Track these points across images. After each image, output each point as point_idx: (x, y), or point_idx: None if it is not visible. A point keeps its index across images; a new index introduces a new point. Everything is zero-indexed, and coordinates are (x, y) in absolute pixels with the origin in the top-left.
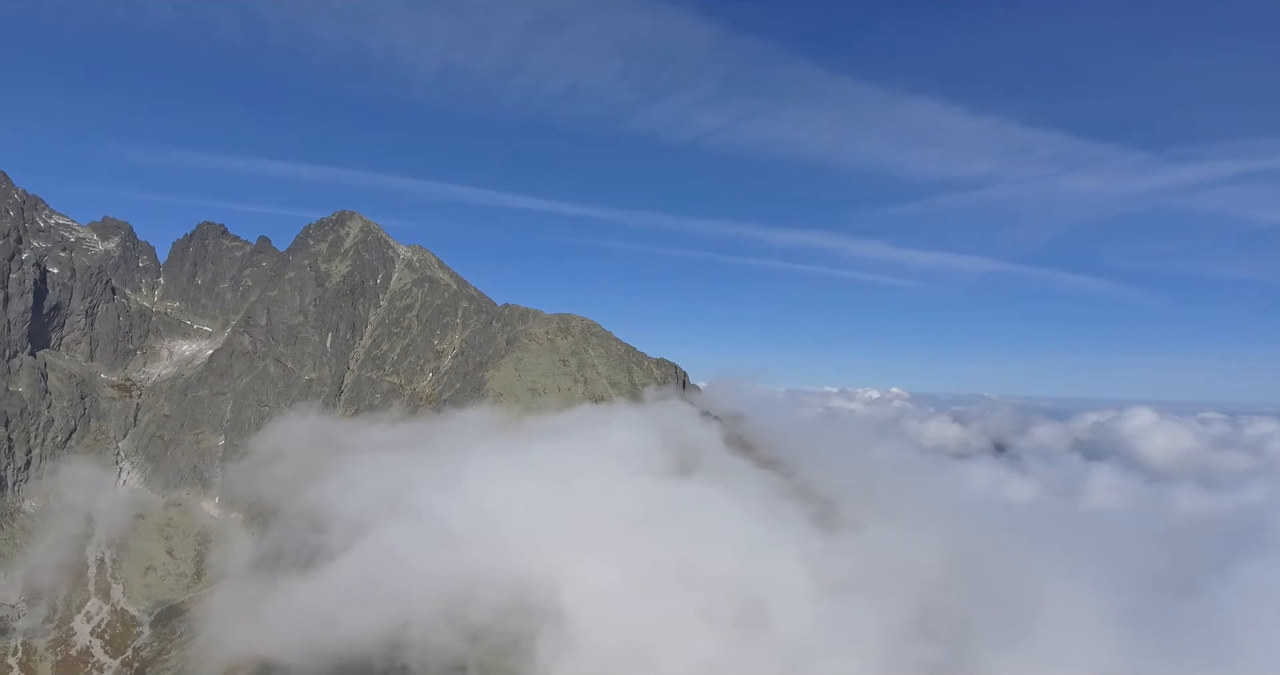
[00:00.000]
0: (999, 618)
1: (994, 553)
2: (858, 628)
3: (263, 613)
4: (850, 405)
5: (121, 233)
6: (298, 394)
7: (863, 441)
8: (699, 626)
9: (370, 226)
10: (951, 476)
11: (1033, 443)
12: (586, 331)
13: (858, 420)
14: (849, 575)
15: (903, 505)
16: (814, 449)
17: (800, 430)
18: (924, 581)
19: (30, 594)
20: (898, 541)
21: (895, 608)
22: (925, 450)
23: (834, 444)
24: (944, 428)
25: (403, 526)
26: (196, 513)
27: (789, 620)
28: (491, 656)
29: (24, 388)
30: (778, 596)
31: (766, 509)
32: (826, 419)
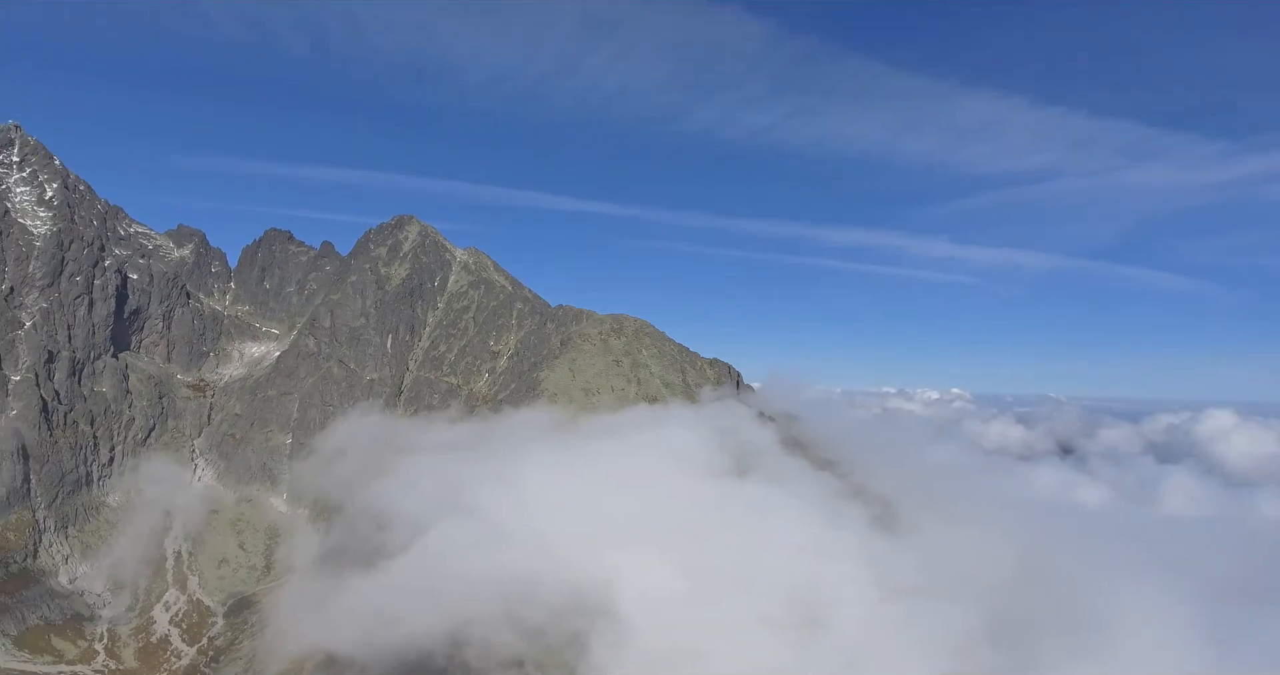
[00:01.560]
0: (1069, 625)
1: (1063, 558)
2: (922, 633)
3: (328, 608)
4: (909, 406)
5: (195, 240)
6: (360, 394)
7: (922, 443)
8: (757, 629)
9: (428, 230)
10: (1016, 479)
11: (1102, 445)
12: (639, 332)
13: (917, 421)
14: (912, 579)
15: (966, 508)
16: (871, 450)
17: (857, 431)
18: (991, 586)
19: (114, 584)
20: (962, 545)
21: (961, 613)
22: (988, 452)
23: (892, 445)
24: (1007, 429)
25: (461, 526)
26: (266, 508)
27: (850, 624)
28: (548, 655)
29: (107, 388)
30: (838, 600)
31: (825, 511)
32: (884, 420)
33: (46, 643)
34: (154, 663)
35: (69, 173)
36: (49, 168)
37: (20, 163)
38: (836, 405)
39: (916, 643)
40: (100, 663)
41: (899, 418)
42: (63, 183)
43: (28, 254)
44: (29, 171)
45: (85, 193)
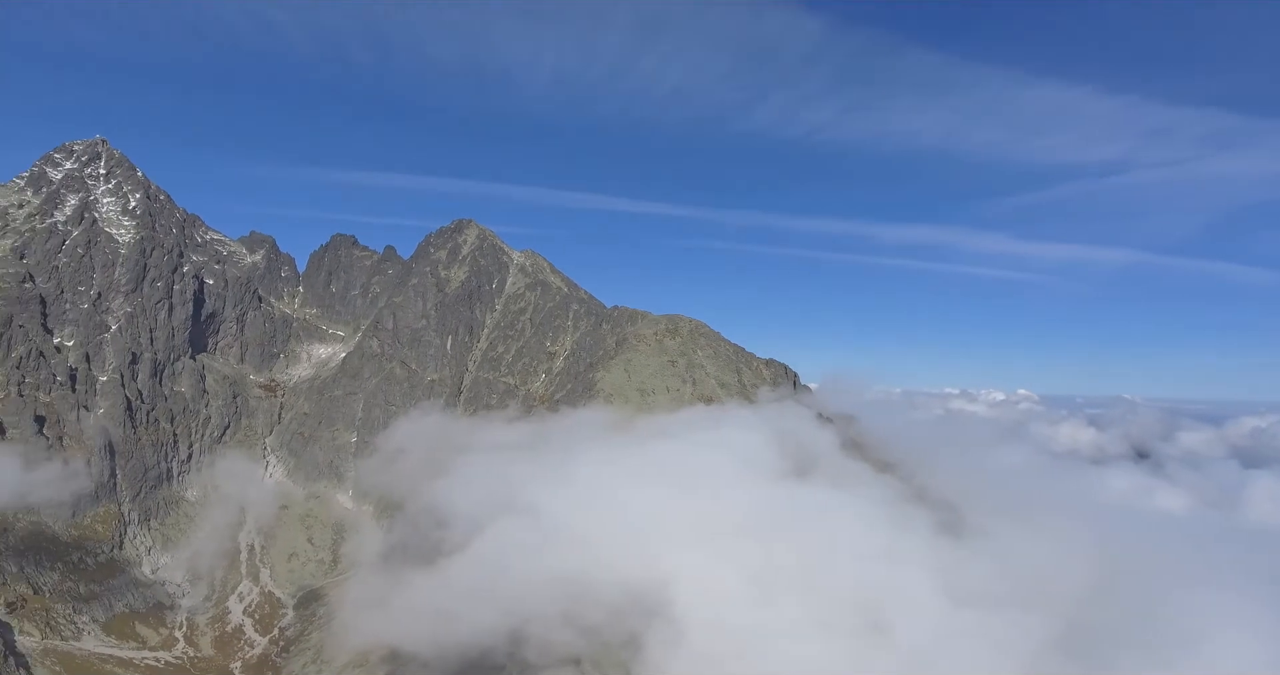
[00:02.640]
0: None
1: (1142, 567)
2: (992, 642)
3: (391, 603)
4: (972, 407)
5: (266, 246)
6: (421, 394)
7: (987, 445)
8: (816, 634)
9: (486, 234)
10: (1088, 484)
11: (1181, 449)
12: (695, 332)
13: (981, 423)
14: (981, 586)
15: (1036, 513)
16: (934, 453)
17: (919, 433)
18: (1065, 596)
19: (193, 575)
20: (1034, 551)
21: (1034, 622)
22: (1057, 455)
23: (956, 448)
24: (1078, 431)
25: (519, 525)
26: (333, 504)
27: (915, 631)
28: (605, 653)
29: (185, 388)
30: (902, 606)
31: (889, 515)
32: (947, 421)
33: (131, 629)
34: (229, 651)
35: (150, 183)
36: (132, 179)
37: (106, 175)
38: (896, 406)
39: (986, 652)
40: (180, 650)
41: (962, 419)
42: (145, 193)
43: (113, 261)
44: (114, 183)
45: (165, 202)
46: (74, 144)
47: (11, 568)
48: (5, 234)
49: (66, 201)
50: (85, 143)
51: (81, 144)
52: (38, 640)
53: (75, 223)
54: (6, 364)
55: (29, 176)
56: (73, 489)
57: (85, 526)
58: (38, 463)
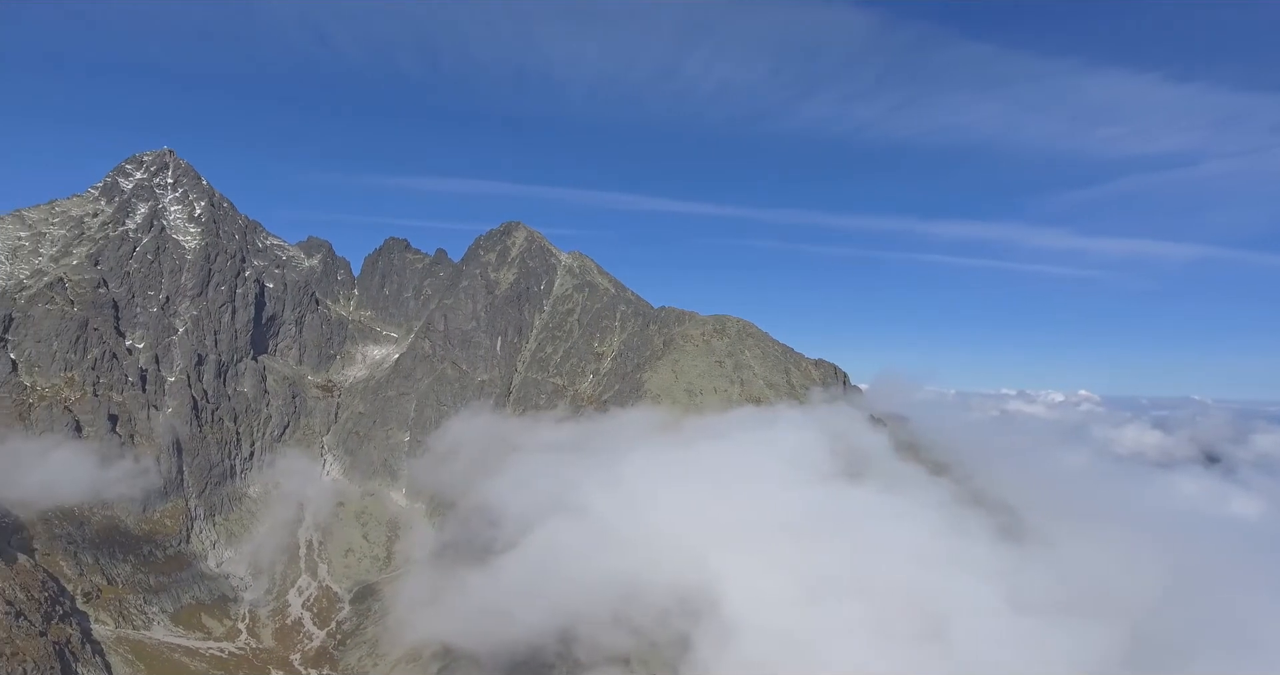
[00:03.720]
0: (1222, 647)
1: (1214, 575)
2: (1054, 651)
3: (443, 600)
4: (1029, 408)
5: (323, 250)
6: (471, 394)
7: (1047, 448)
8: (870, 639)
9: (534, 236)
10: (1155, 488)
11: (1255, 453)
12: (742, 332)
13: (1039, 424)
14: (1044, 593)
15: (1100, 518)
16: (991, 455)
17: (974, 435)
18: (1132, 604)
19: (255, 568)
20: (1099, 558)
21: (1100, 632)
22: (1120, 459)
23: (1013, 450)
24: (1143, 434)
25: (568, 525)
26: (387, 502)
27: (973, 639)
28: (653, 652)
29: (248, 388)
30: (960, 613)
31: (945, 518)
32: (1003, 423)
33: (197, 620)
34: (289, 643)
35: (214, 191)
36: (197, 188)
37: (174, 184)
38: (950, 407)
39: (1048, 661)
40: (242, 641)
41: (1019, 421)
42: (209, 201)
43: (180, 266)
44: (181, 192)
45: (228, 209)
46: (143, 155)
47: (88, 559)
48: (81, 242)
49: (137, 210)
50: (154, 153)
51: (150, 155)
52: (111, 629)
53: (145, 230)
54: (83, 365)
55: (102, 187)
56: (143, 485)
57: (155, 521)
58: (111, 460)
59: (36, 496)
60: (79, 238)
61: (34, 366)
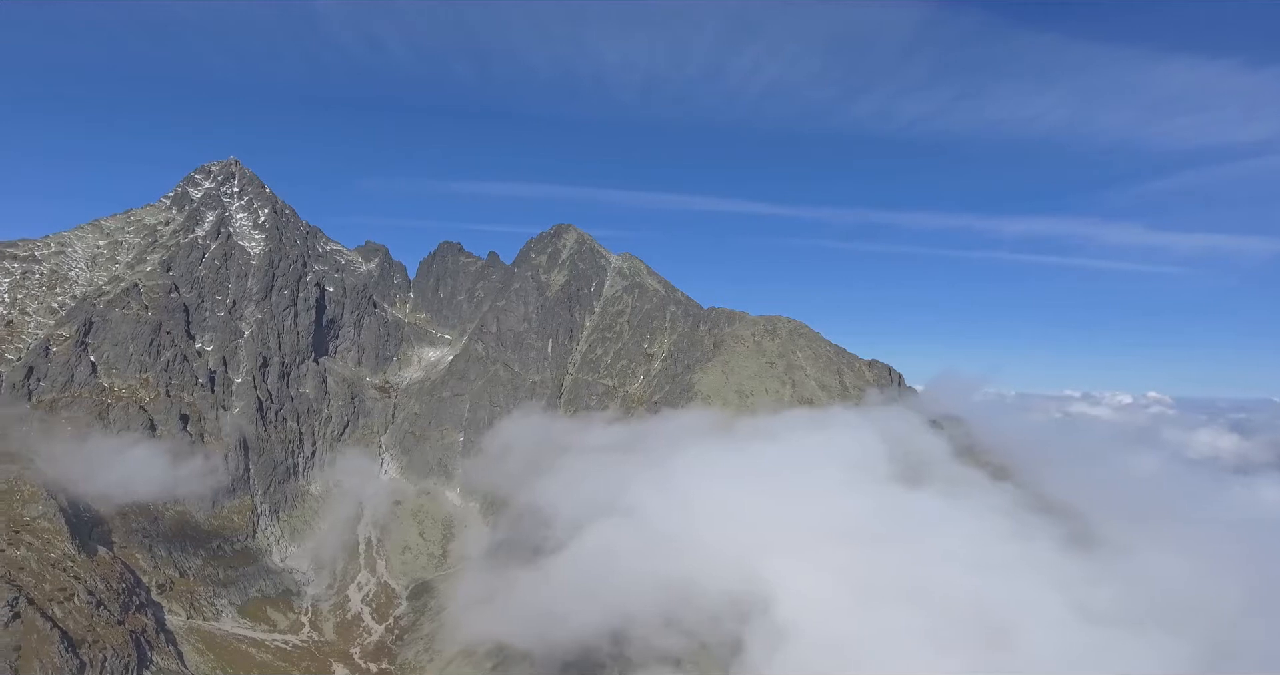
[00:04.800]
0: None
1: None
2: (1128, 664)
3: (497, 599)
4: (1095, 410)
5: (380, 255)
6: (524, 395)
7: (1113, 451)
8: (929, 647)
9: (584, 238)
10: (1232, 495)
11: None
12: (794, 332)
13: (1105, 427)
14: (1115, 603)
15: (1173, 525)
16: (1055, 459)
17: (1036, 438)
18: (1211, 616)
19: (317, 564)
20: (1174, 567)
21: (1176, 643)
22: (1193, 463)
23: (1079, 454)
24: (1218, 437)
25: (620, 526)
26: (442, 501)
27: (1038, 649)
28: (705, 654)
29: (309, 389)
30: (1026, 623)
31: (1008, 525)
32: (1067, 426)
33: (263, 613)
34: (349, 637)
35: (277, 199)
36: (261, 196)
37: (239, 192)
38: (1010, 409)
39: None
40: (305, 634)
41: (1084, 423)
42: (273, 209)
43: (246, 272)
44: (246, 200)
45: (290, 216)
46: (211, 165)
47: (161, 552)
48: (154, 249)
49: (205, 218)
50: (220, 164)
51: (217, 165)
52: (183, 619)
53: (213, 237)
54: (156, 367)
55: (173, 196)
56: (212, 483)
57: (223, 517)
58: (183, 458)
59: (115, 492)
60: (152, 245)
61: (112, 368)
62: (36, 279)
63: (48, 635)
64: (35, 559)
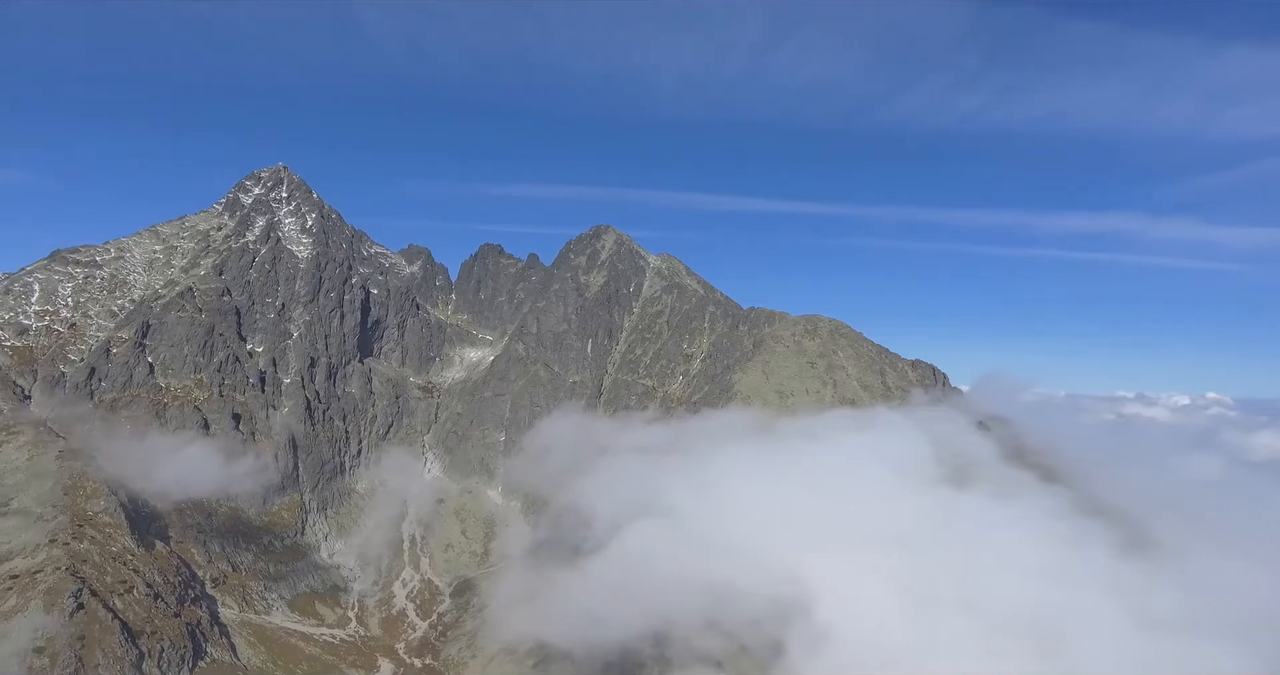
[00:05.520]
0: None
1: None
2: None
3: (537, 598)
4: (1149, 412)
5: (422, 257)
6: (564, 395)
7: (1170, 454)
8: (976, 655)
9: (623, 239)
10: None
11: None
12: (835, 332)
13: (1160, 429)
14: (1175, 612)
15: (1236, 531)
16: (1108, 462)
17: (1088, 440)
18: (1276, 624)
19: (363, 560)
20: (1237, 574)
21: (1240, 654)
22: (1257, 466)
23: (1133, 457)
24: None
25: (660, 527)
26: (484, 500)
27: (1094, 658)
28: (746, 656)
29: (355, 389)
30: (1080, 630)
31: (1060, 529)
32: (1120, 428)
33: (312, 608)
34: (394, 632)
35: (324, 204)
36: (309, 201)
37: (288, 198)
38: (1060, 410)
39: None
40: (352, 629)
41: (1139, 425)
42: (319, 213)
43: (294, 275)
44: (294, 205)
45: (336, 220)
46: (261, 172)
47: (215, 547)
48: (207, 253)
49: (255, 223)
50: (270, 170)
51: (267, 171)
52: (236, 613)
53: (263, 242)
54: (209, 368)
55: (225, 202)
56: (263, 480)
57: (273, 514)
58: (235, 456)
59: (171, 489)
60: (205, 250)
61: (168, 369)
62: (97, 283)
63: (109, 626)
64: (97, 552)
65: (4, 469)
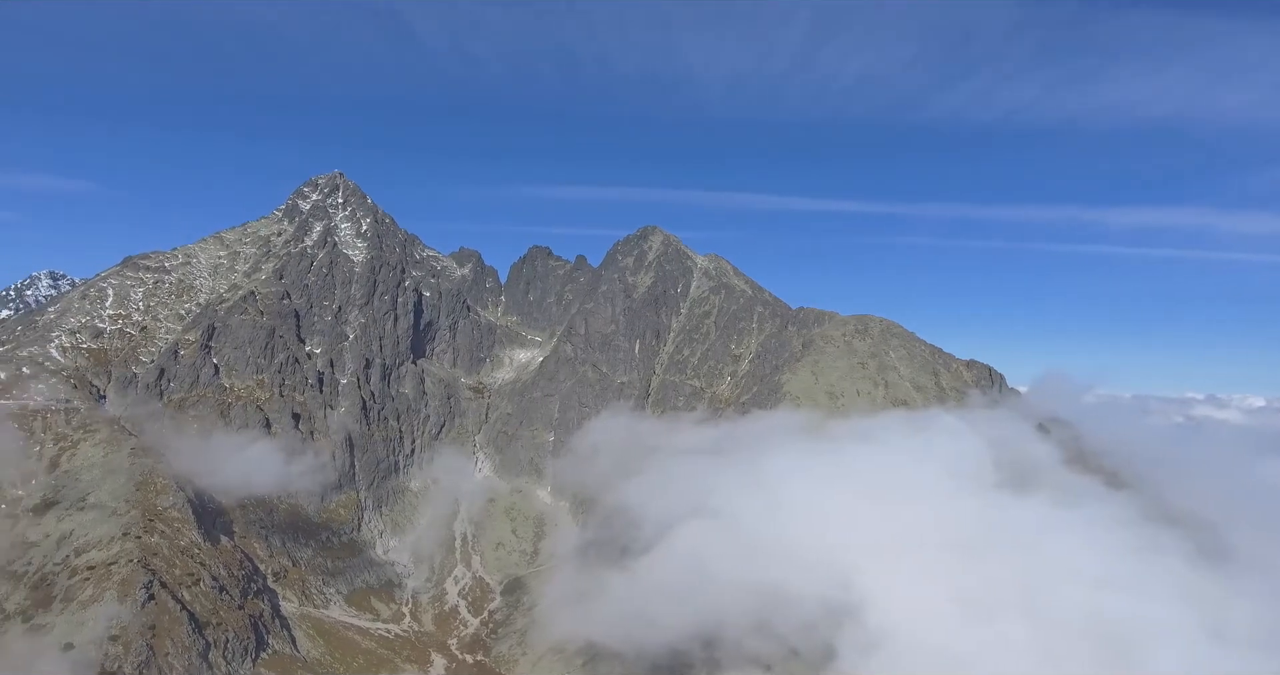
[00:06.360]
0: None
1: None
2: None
3: (586, 599)
4: (1221, 414)
5: (473, 260)
6: (611, 396)
7: (1245, 458)
8: (1037, 663)
9: (670, 240)
10: None
11: None
12: (886, 332)
13: (1233, 432)
14: (1252, 622)
15: None
16: (1178, 466)
17: (1156, 444)
18: None
19: (416, 557)
20: None
21: None
22: None
23: (1206, 461)
24: None
25: (709, 529)
26: (533, 499)
27: (1165, 671)
28: (796, 660)
29: (408, 390)
30: (1149, 641)
31: (1128, 537)
32: (1191, 431)
33: (367, 603)
34: (447, 628)
35: (378, 209)
36: (363, 206)
37: (343, 203)
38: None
39: None
40: (406, 624)
41: (1210, 428)
42: (374, 218)
43: (349, 278)
44: (349, 210)
45: (390, 225)
46: (318, 178)
47: (276, 543)
48: (268, 258)
49: (313, 229)
50: (326, 177)
51: (324, 178)
52: (296, 606)
53: (320, 247)
54: (271, 369)
55: (285, 209)
56: (321, 478)
57: (331, 511)
58: (295, 454)
59: (235, 485)
60: (266, 255)
61: (232, 370)
62: (166, 288)
63: (178, 617)
64: (167, 546)
65: (82, 465)
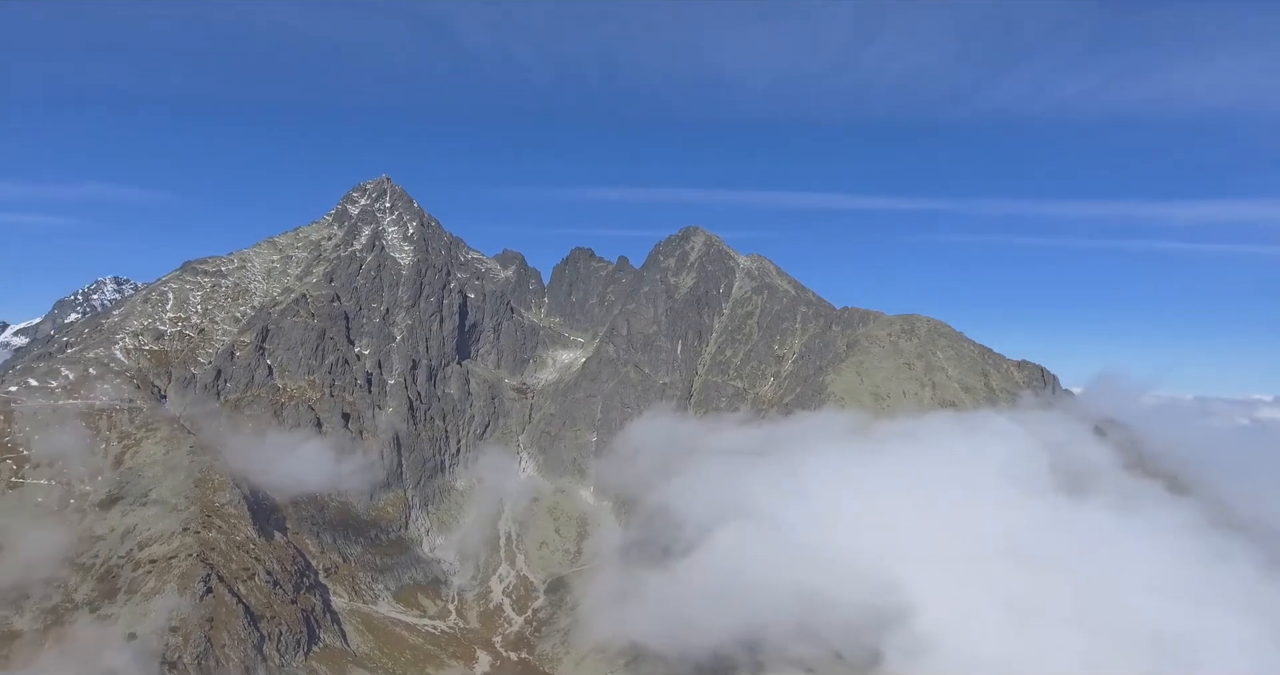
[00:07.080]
0: None
1: None
2: None
3: (629, 599)
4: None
5: (516, 262)
6: (654, 396)
7: None
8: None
9: (712, 240)
10: None
11: None
12: (933, 332)
13: None
14: None
15: None
16: (1245, 471)
17: (1218, 447)
18: None
19: (462, 555)
20: None
21: None
22: None
23: (1272, 465)
24: None
25: (752, 531)
26: (576, 499)
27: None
28: (840, 664)
29: (454, 390)
30: (1214, 653)
31: (1192, 544)
32: (1256, 433)
33: (414, 599)
34: (491, 626)
35: (424, 213)
36: (409, 210)
37: (390, 208)
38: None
39: None
40: (452, 621)
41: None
42: (420, 222)
43: (397, 281)
44: (396, 214)
45: (435, 228)
46: (366, 183)
47: (327, 539)
48: (319, 262)
49: (362, 233)
50: (374, 182)
51: (371, 183)
52: (346, 601)
53: (369, 250)
54: (321, 370)
55: (335, 214)
56: (369, 477)
57: (379, 509)
58: (345, 453)
59: (288, 483)
60: (317, 259)
61: (285, 371)
62: (223, 291)
63: (234, 609)
64: (224, 541)
65: (144, 462)
